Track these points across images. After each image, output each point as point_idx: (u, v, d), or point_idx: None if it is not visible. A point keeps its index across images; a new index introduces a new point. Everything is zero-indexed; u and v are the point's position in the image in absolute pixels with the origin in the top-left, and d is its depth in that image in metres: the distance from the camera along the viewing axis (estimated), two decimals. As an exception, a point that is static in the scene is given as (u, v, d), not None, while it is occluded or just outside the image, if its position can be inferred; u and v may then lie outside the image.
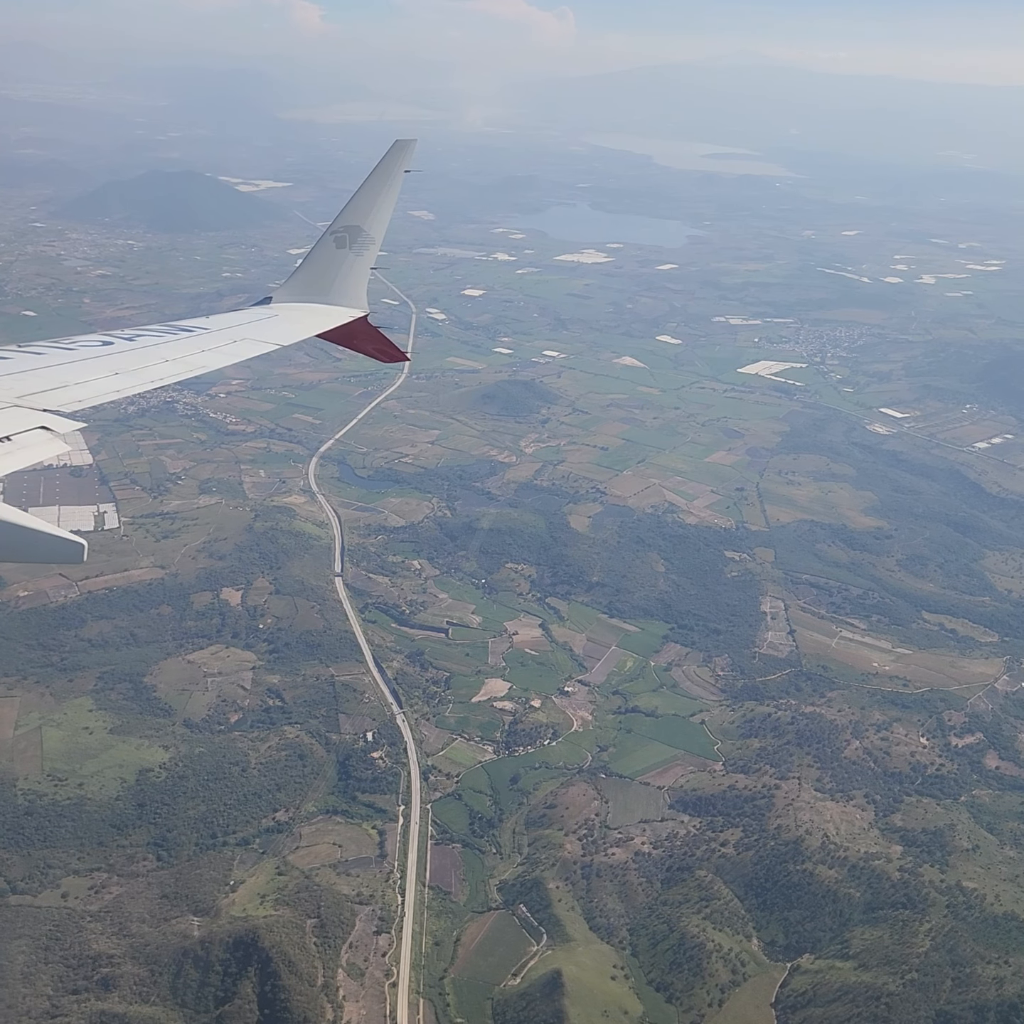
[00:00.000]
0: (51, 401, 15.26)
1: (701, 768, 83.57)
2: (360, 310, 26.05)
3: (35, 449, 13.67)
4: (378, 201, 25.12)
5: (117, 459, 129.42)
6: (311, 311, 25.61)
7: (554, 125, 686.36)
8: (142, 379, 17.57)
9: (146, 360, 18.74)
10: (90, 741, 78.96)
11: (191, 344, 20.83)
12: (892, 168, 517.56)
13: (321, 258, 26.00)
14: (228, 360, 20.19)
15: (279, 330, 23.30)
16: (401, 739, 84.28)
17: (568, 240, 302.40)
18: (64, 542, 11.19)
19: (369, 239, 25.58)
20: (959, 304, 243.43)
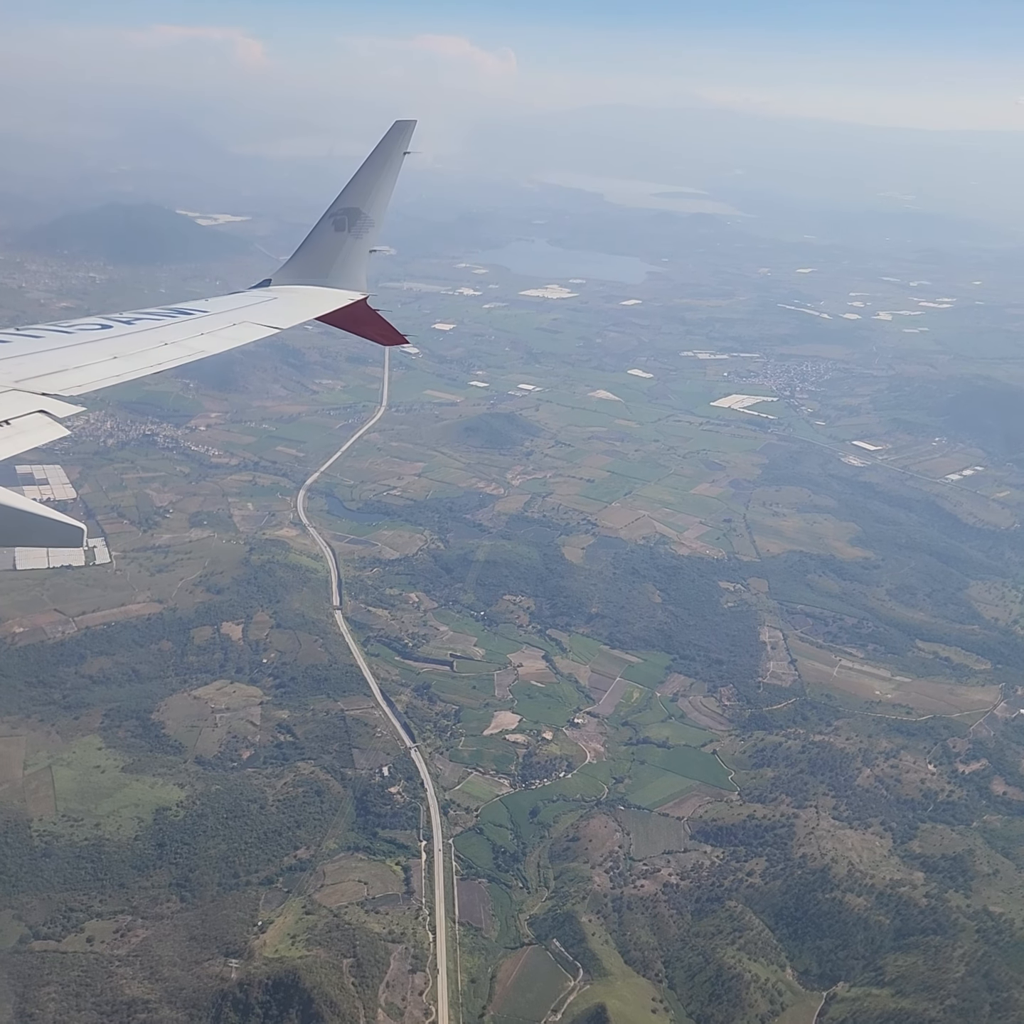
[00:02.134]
0: (50, 385, 15.08)
1: (717, 798, 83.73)
2: (360, 292, 25.88)
3: (34, 434, 13.53)
4: (377, 183, 24.90)
5: (101, 493, 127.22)
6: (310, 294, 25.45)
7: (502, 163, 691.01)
8: (141, 363, 17.34)
9: (145, 344, 18.48)
10: (103, 780, 77.00)
11: (190, 327, 20.50)
12: (835, 208, 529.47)
13: (320, 241, 25.80)
14: (228, 344, 19.94)
15: (279, 313, 23.06)
16: (417, 774, 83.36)
17: (531, 275, 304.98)
18: (64, 526, 11.09)
19: (368, 221, 25.35)
20: (917, 340, 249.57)
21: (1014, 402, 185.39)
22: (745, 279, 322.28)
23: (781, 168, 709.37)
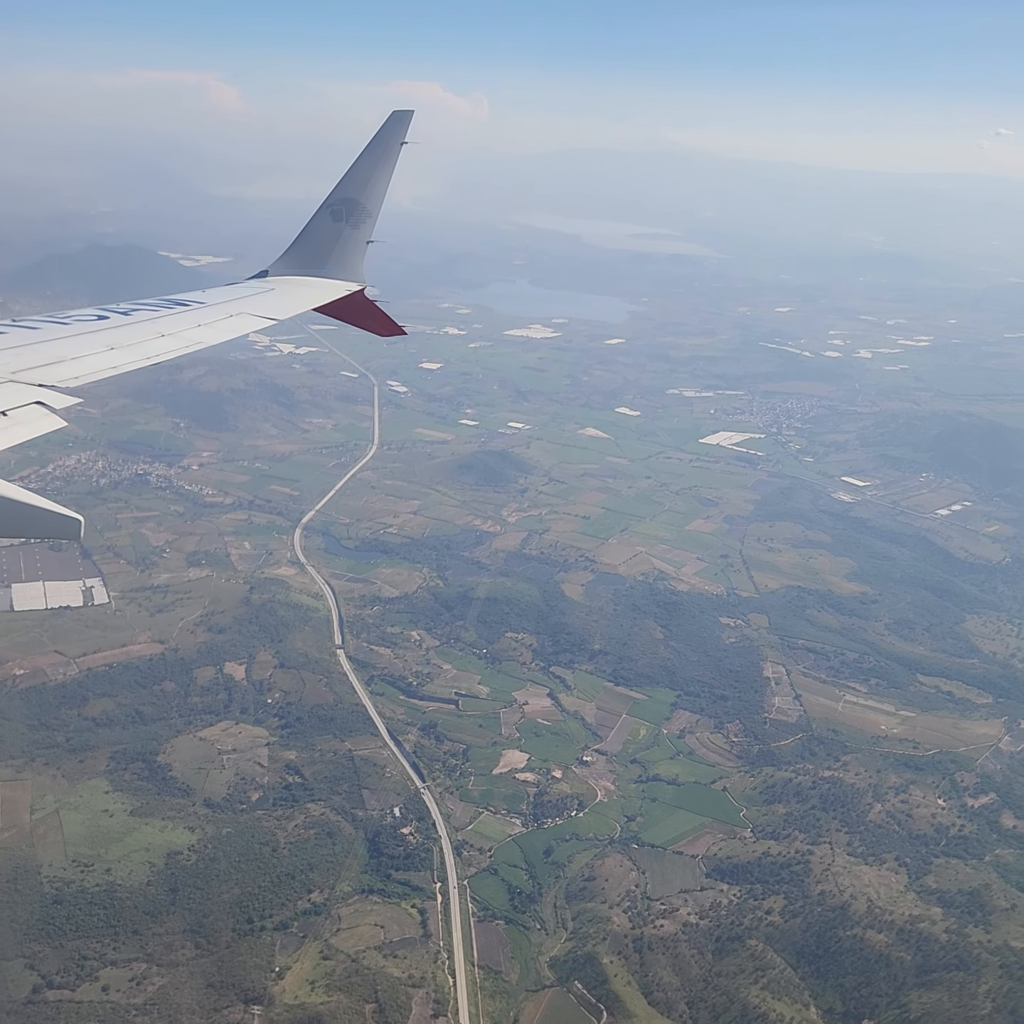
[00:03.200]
0: (47, 376, 15.00)
1: (731, 835, 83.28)
2: (357, 283, 25.90)
3: (31, 425, 13.44)
4: (374, 174, 24.88)
5: (96, 532, 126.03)
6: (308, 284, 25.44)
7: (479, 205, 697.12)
8: (138, 355, 17.27)
9: (142, 335, 18.39)
10: (112, 824, 75.67)
11: (187, 319, 20.39)
12: (808, 249, 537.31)
13: (317, 231, 25.77)
14: (225, 336, 19.88)
15: (276, 304, 23.07)
16: (428, 814, 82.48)
17: (514, 315, 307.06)
18: (61, 518, 11.04)
19: (366, 212, 25.31)
20: (898, 377, 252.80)
21: (998, 438, 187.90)
22: (725, 318, 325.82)
23: (752, 210, 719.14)
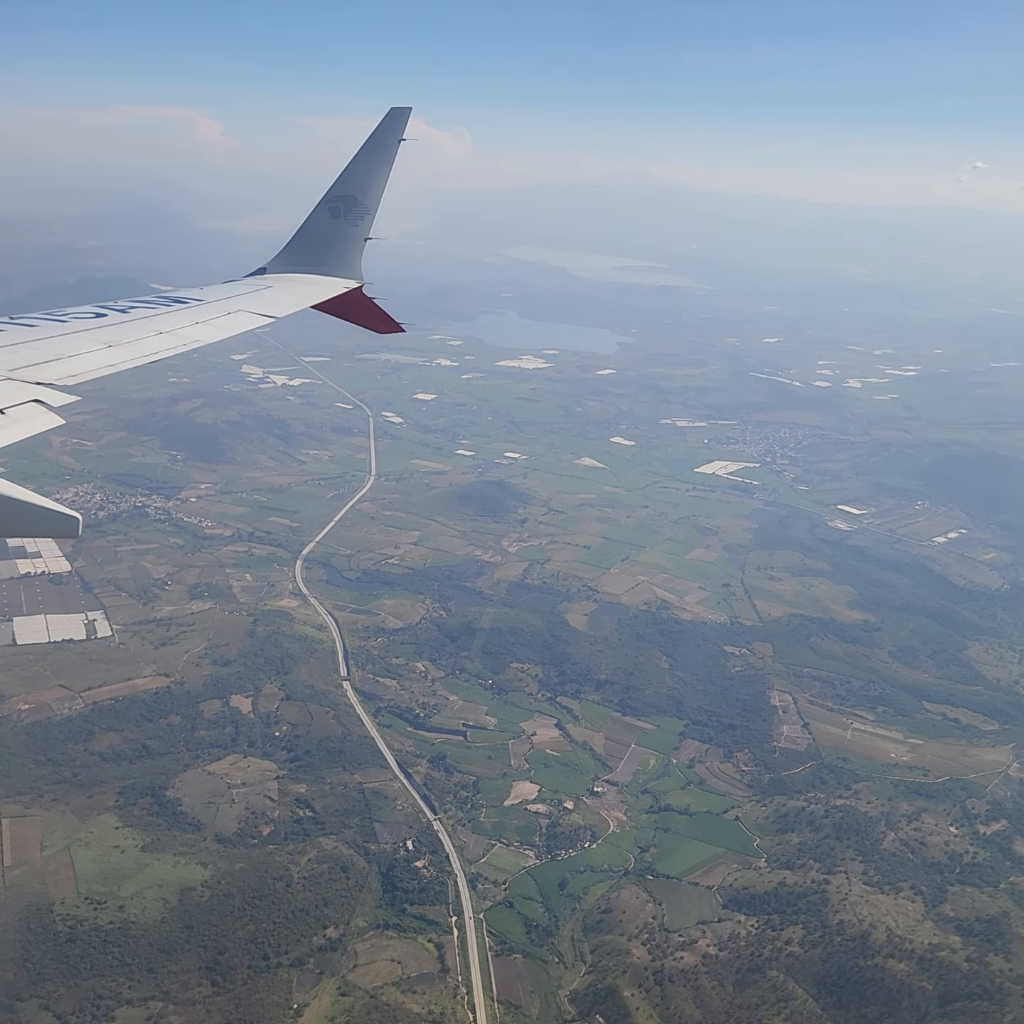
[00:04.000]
0: (44, 374, 14.94)
1: (745, 865, 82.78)
2: (356, 281, 26.01)
3: (29, 423, 13.35)
4: (372, 171, 25.04)
5: (96, 565, 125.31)
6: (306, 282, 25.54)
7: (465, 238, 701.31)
8: (136, 353, 17.25)
9: (140, 333, 18.38)
10: (123, 860, 74.67)
11: (185, 316, 20.37)
12: (793, 280, 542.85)
13: (316, 228, 25.88)
14: (223, 334, 19.84)
15: (274, 301, 23.04)
16: (441, 846, 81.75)
17: (505, 347, 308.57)
18: (60, 516, 10.97)
19: (364, 209, 25.49)
20: (888, 407, 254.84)
21: (990, 466, 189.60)
22: (714, 349, 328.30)
23: (736, 243, 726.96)
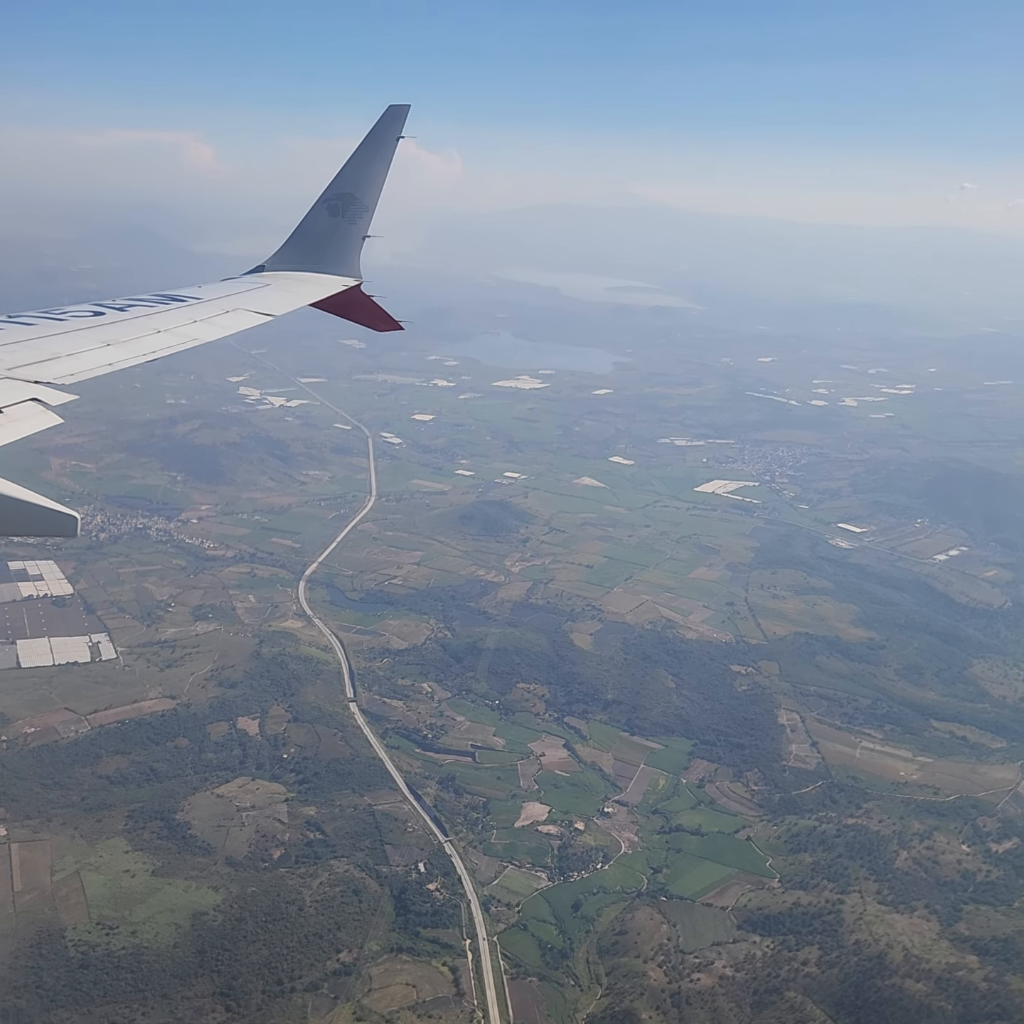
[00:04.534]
0: (42, 373, 14.83)
1: (758, 886, 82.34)
2: (354, 279, 25.90)
3: (27, 422, 13.24)
4: (371, 169, 25.00)
5: (99, 587, 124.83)
6: (304, 280, 25.47)
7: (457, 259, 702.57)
8: (134, 352, 17.14)
9: (138, 331, 18.27)
10: (134, 885, 73.96)
11: (183, 315, 20.28)
12: (784, 300, 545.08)
13: (314, 226, 25.88)
14: (221, 332, 19.72)
15: (273, 299, 22.95)
16: (453, 869, 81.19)
17: (501, 367, 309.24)
18: (59, 515, 10.90)
19: (362, 207, 25.41)
20: (885, 425, 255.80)
21: (989, 484, 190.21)
22: (709, 368, 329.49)
23: (725, 263, 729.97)
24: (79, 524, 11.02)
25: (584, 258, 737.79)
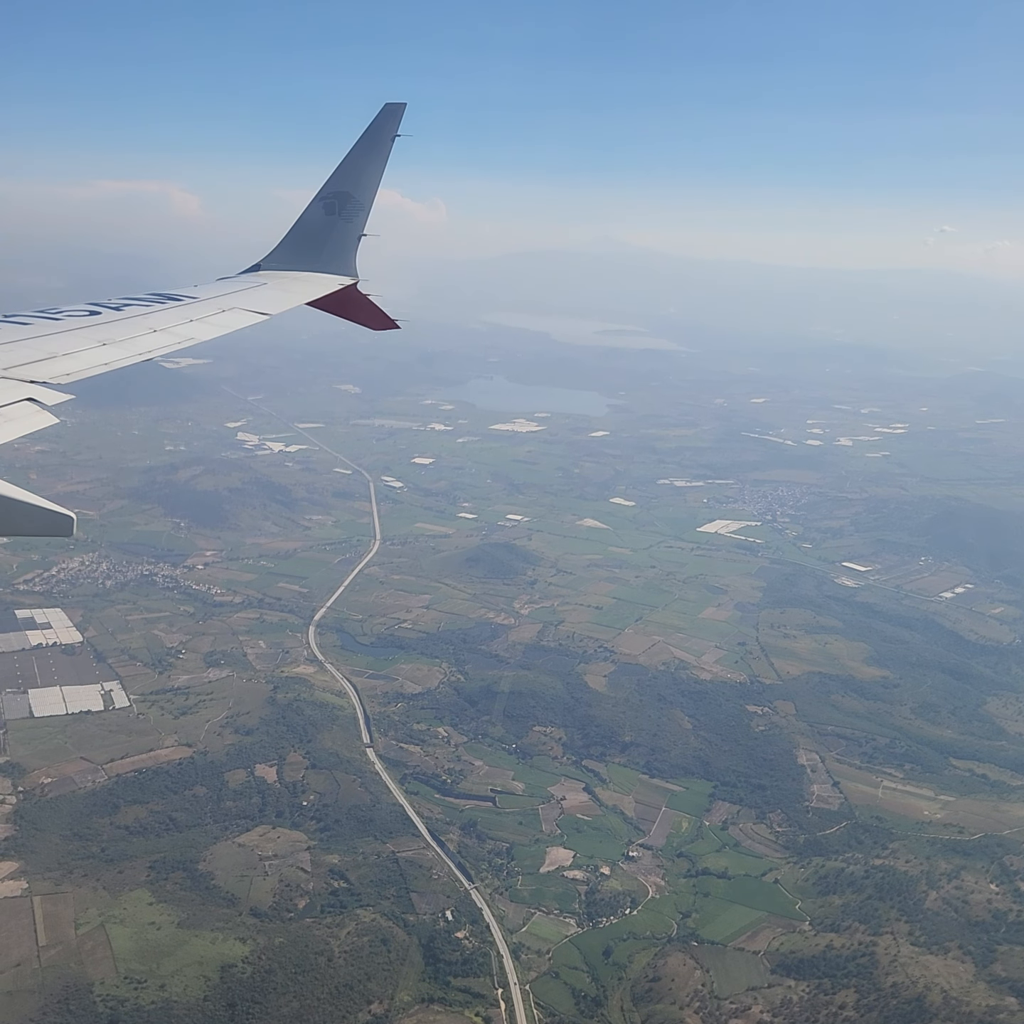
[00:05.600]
0: (38, 373, 14.74)
1: (789, 929, 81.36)
2: (350, 277, 25.92)
3: (22, 422, 13.14)
4: (367, 167, 25.05)
5: (108, 635, 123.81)
6: (301, 279, 25.46)
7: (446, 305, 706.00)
8: (130, 351, 17.12)
9: (134, 330, 18.25)
10: (160, 937, 72.63)
11: (179, 314, 20.27)
12: (772, 342, 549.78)
13: (310, 225, 25.83)
14: (218, 331, 19.73)
15: (269, 299, 22.94)
16: (480, 916, 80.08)
17: (496, 410, 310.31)
18: (55, 515, 10.86)
19: (358, 205, 25.45)
20: (881, 464, 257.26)
21: (990, 521, 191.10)
22: (703, 409, 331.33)
23: (711, 306, 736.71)
24: (75, 524, 10.96)
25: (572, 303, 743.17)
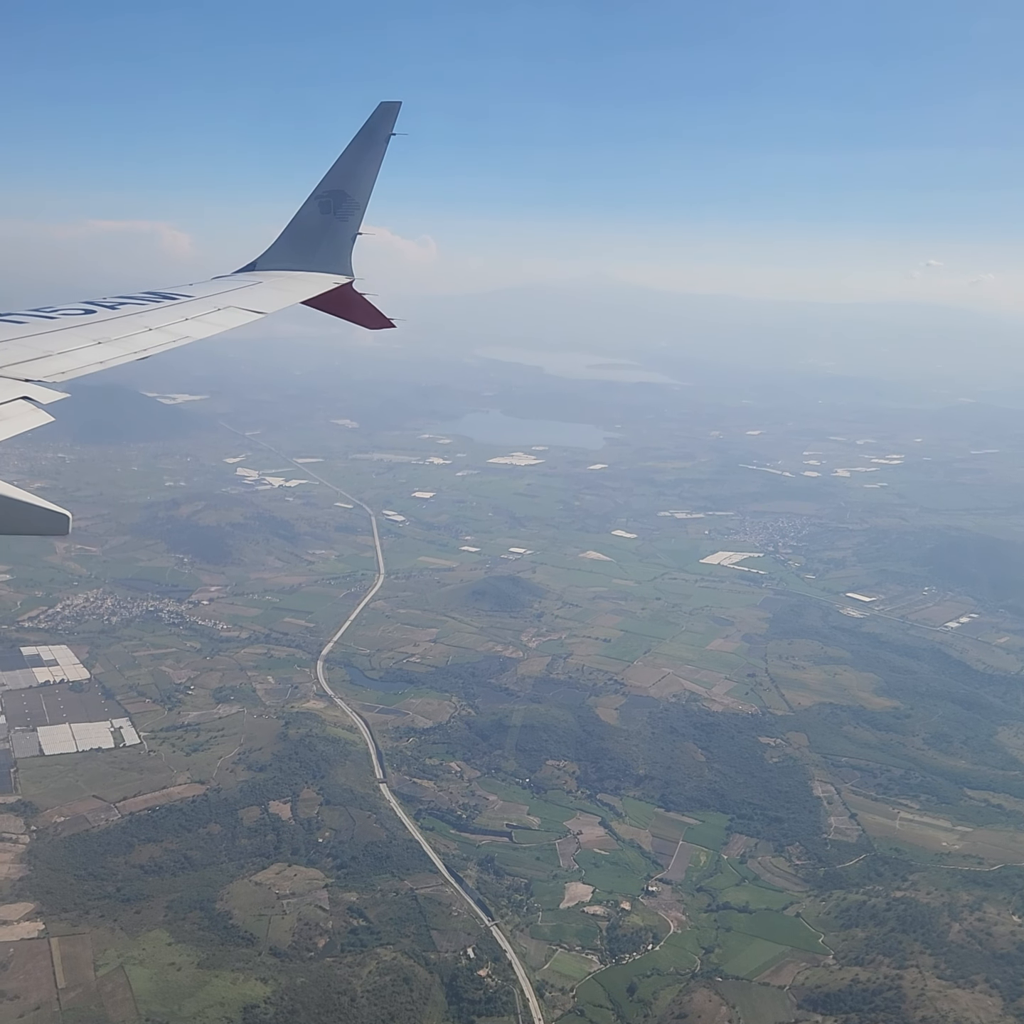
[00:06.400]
0: (33, 371, 14.73)
1: (814, 963, 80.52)
2: (345, 276, 25.92)
3: (18, 420, 13.17)
4: (362, 166, 25.04)
5: (115, 672, 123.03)
6: (296, 278, 25.44)
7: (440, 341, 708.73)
8: (125, 349, 17.08)
9: (129, 329, 18.22)
10: (181, 978, 71.60)
11: (175, 312, 20.24)
12: (764, 375, 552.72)
13: (305, 224, 25.81)
14: (213, 330, 19.66)
15: (264, 298, 22.92)
16: (503, 953, 79.16)
17: (494, 444, 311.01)
18: (50, 513, 10.86)
19: (354, 204, 25.44)
20: (880, 495, 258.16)
21: (992, 551, 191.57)
22: (700, 442, 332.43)
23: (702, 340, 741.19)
24: (70, 523, 10.94)
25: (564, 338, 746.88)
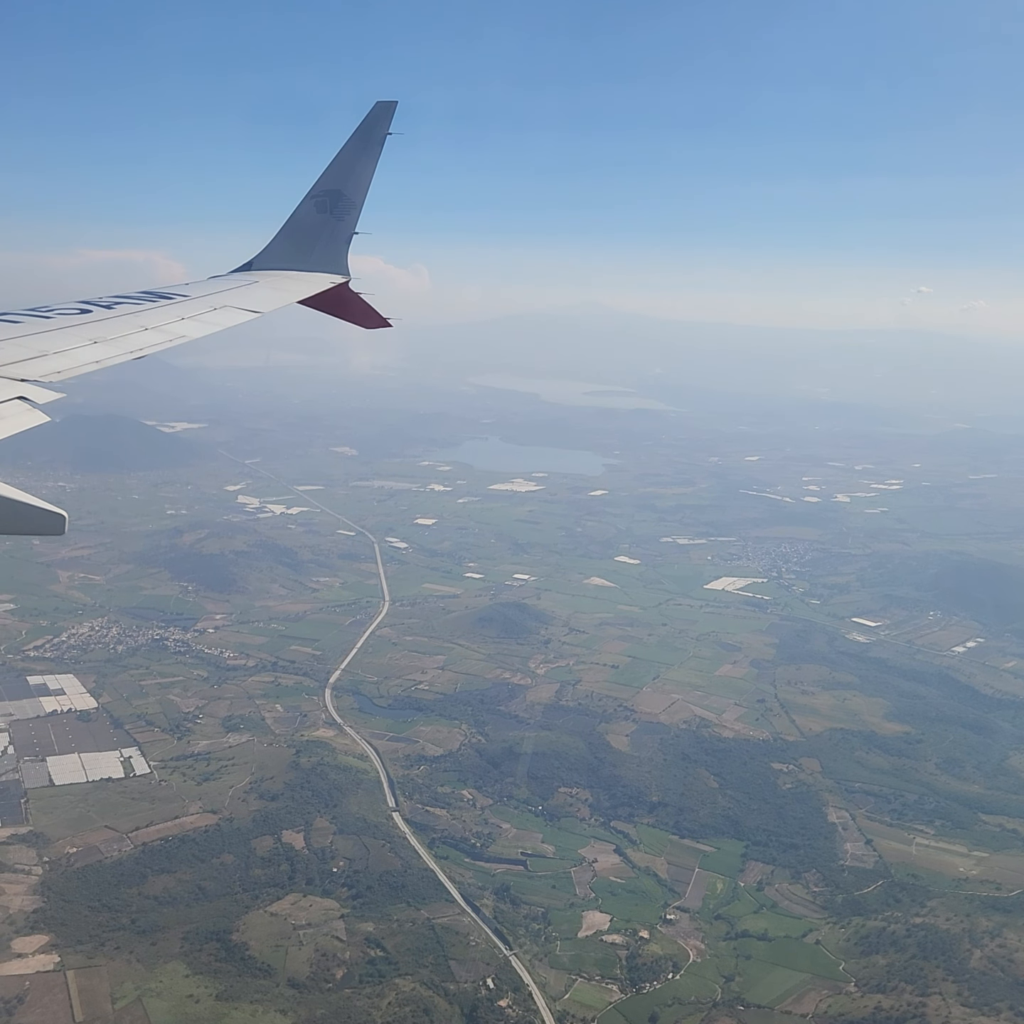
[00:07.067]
0: (29, 371, 14.75)
1: (835, 991, 79.82)
2: (342, 276, 25.94)
3: (13, 420, 13.18)
4: (358, 165, 25.11)
5: (123, 701, 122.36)
6: (292, 277, 25.46)
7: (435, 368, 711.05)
8: (121, 349, 17.16)
9: (125, 328, 18.29)
10: (200, 1011, 70.74)
11: (171, 312, 20.35)
12: (759, 401, 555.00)
13: (302, 223, 25.85)
14: (209, 329, 19.74)
15: (260, 297, 22.99)
16: (522, 983, 78.31)
17: (493, 471, 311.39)
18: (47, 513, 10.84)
19: (350, 204, 25.47)
20: (881, 520, 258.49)
21: (995, 575, 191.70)
22: (699, 468, 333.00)
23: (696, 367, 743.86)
24: (66, 523, 10.91)
25: (559, 365, 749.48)
